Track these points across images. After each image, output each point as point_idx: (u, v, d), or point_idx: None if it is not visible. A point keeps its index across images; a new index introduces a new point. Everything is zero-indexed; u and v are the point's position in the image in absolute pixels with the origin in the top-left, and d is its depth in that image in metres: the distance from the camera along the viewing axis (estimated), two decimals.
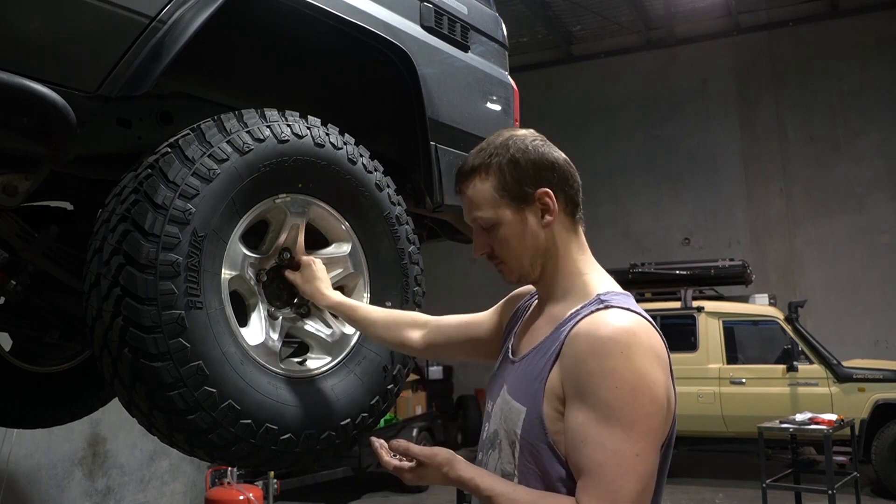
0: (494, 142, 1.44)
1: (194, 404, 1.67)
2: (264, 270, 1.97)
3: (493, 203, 1.41)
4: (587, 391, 1.23)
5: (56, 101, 1.54)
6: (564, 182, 1.41)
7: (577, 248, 1.43)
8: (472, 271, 11.78)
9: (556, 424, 1.28)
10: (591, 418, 1.22)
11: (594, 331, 1.26)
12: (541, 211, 1.40)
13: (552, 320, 1.38)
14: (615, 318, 1.28)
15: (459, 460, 1.36)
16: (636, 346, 1.24)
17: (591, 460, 1.21)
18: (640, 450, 1.20)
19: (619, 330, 1.25)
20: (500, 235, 1.42)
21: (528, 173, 1.39)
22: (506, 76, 2.98)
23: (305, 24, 2.08)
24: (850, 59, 10.82)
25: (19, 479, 5.73)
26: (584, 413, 1.23)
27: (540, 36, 11.99)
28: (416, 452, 1.37)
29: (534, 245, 1.41)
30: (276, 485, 6.37)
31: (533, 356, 1.38)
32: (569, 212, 1.42)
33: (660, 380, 1.25)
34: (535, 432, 1.31)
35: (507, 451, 1.36)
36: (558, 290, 1.42)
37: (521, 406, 1.35)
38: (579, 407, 1.24)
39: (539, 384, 1.32)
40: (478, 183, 1.42)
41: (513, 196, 1.40)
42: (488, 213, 1.42)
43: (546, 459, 1.29)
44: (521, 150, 1.40)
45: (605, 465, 1.19)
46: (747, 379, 7.95)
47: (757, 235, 11.20)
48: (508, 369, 1.45)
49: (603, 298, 1.33)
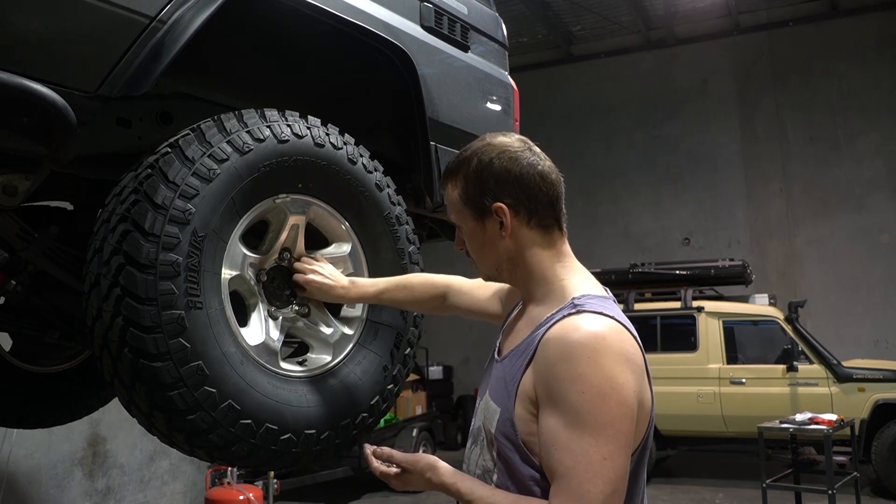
0: (473, 146, 1.47)
1: (194, 404, 1.67)
2: (264, 270, 1.97)
3: (458, 209, 1.47)
4: (557, 396, 1.25)
5: (56, 101, 1.54)
6: (529, 196, 1.41)
7: (550, 256, 1.43)
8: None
9: (528, 426, 1.31)
10: (560, 423, 1.24)
11: (564, 335, 1.28)
12: (498, 223, 1.42)
13: (531, 322, 1.41)
14: (586, 322, 1.29)
15: (442, 466, 1.40)
16: (605, 350, 1.25)
17: (560, 464, 1.23)
18: (608, 453, 1.21)
19: (588, 334, 1.26)
20: (466, 238, 1.50)
21: (488, 186, 1.42)
22: (506, 76, 2.98)
23: (305, 24, 2.08)
24: (850, 59, 10.83)
25: (19, 479, 5.73)
26: (554, 417, 1.25)
27: (540, 36, 12.00)
28: (398, 459, 1.43)
29: (494, 253, 1.45)
30: (276, 485, 6.37)
31: (510, 357, 1.41)
32: (535, 224, 1.42)
33: (629, 383, 1.25)
34: (508, 432, 1.34)
35: (486, 449, 1.40)
36: (537, 294, 1.44)
37: (496, 406, 1.38)
38: (550, 411, 1.26)
39: (512, 386, 1.35)
40: (450, 188, 1.49)
41: (473, 206, 1.44)
42: (455, 216, 1.50)
43: (517, 459, 1.32)
44: (485, 163, 1.42)
45: (573, 469, 1.22)
46: (747, 379, 7.95)
47: (757, 235, 11.20)
48: (493, 368, 1.49)
49: (577, 303, 1.34)
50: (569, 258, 1.46)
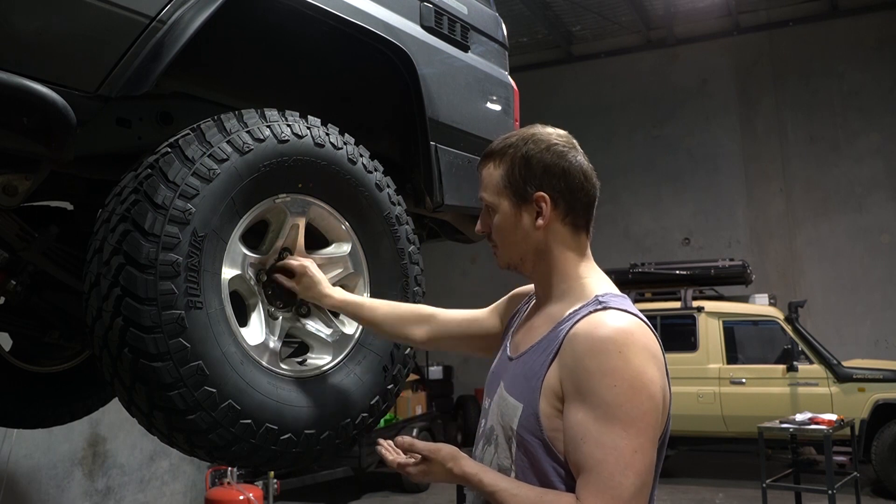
0: (522, 133, 1.47)
1: (194, 404, 1.67)
2: (264, 270, 1.97)
3: (497, 190, 1.45)
4: (586, 390, 1.25)
5: (56, 101, 1.54)
6: (571, 192, 1.43)
7: (574, 256, 1.44)
8: (472, 271, 11.78)
9: (552, 421, 1.30)
10: (590, 416, 1.24)
11: (592, 331, 1.29)
12: (536, 213, 1.42)
13: (550, 319, 1.40)
14: (613, 318, 1.30)
15: (463, 456, 1.39)
16: (633, 345, 1.27)
17: (590, 457, 1.23)
18: (639, 446, 1.22)
19: (616, 330, 1.28)
20: (496, 222, 1.47)
21: (535, 174, 1.42)
22: (506, 76, 2.98)
23: (305, 24, 2.08)
24: (850, 59, 10.83)
25: (19, 479, 5.73)
26: (583, 411, 1.25)
27: (540, 36, 12.00)
28: (420, 448, 1.40)
29: (524, 242, 1.44)
30: (276, 485, 6.37)
31: (531, 354, 1.40)
32: (568, 221, 1.43)
33: (656, 378, 1.27)
34: (531, 428, 1.33)
35: (503, 447, 1.39)
36: (556, 291, 1.44)
37: (517, 402, 1.37)
38: (578, 405, 1.26)
39: (536, 382, 1.34)
40: (492, 167, 1.47)
41: (514, 191, 1.43)
42: (491, 197, 1.46)
43: (541, 455, 1.31)
44: (536, 151, 1.43)
45: (604, 462, 1.22)
46: (747, 379, 7.95)
47: (757, 235, 11.20)
48: (506, 367, 1.47)
49: (601, 300, 1.35)
50: (591, 261, 1.47)
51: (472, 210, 2.59)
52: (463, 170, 2.54)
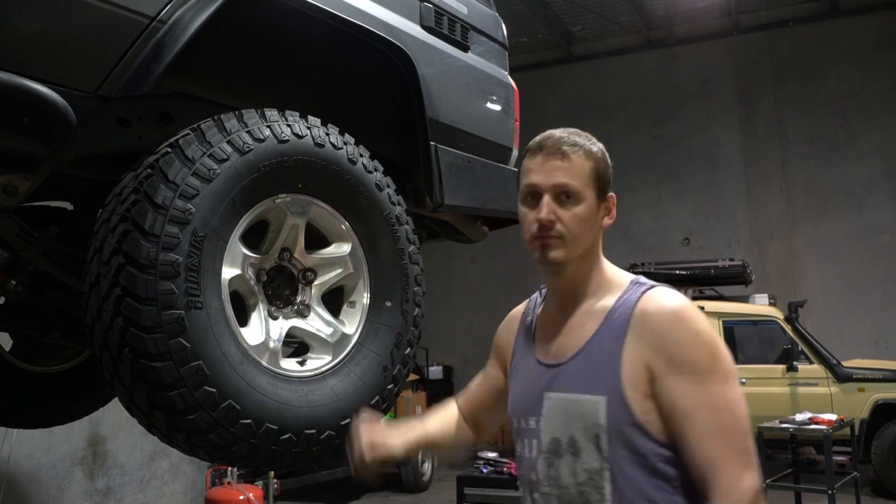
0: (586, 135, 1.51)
1: (194, 404, 1.67)
2: (264, 270, 1.97)
3: (586, 181, 1.47)
4: (680, 359, 1.30)
5: (56, 101, 1.55)
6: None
7: (601, 252, 1.53)
8: (472, 271, 11.77)
9: (642, 405, 1.32)
10: (692, 383, 1.29)
11: (662, 305, 1.35)
12: (605, 211, 1.49)
13: (594, 314, 1.42)
14: (667, 293, 1.38)
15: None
16: (696, 310, 1.36)
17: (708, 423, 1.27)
18: (741, 396, 1.31)
19: (682, 300, 1.36)
20: (576, 211, 1.45)
21: (609, 177, 1.50)
22: (506, 76, 2.98)
23: (305, 24, 2.08)
24: (850, 59, 10.82)
25: (19, 479, 5.73)
26: (684, 381, 1.29)
27: (540, 36, 11.99)
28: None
29: (591, 236, 1.48)
30: (276, 485, 6.37)
31: (590, 349, 1.39)
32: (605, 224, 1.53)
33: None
34: (623, 417, 1.32)
35: (588, 449, 1.35)
36: (591, 287, 1.47)
37: (596, 397, 1.35)
38: (677, 377, 1.30)
39: (612, 370, 1.34)
40: (582, 158, 1.47)
41: (598, 187, 1.48)
42: (580, 186, 1.45)
43: (641, 442, 1.31)
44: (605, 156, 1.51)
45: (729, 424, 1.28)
46: (747, 379, 7.93)
47: (757, 235, 11.20)
48: (547, 375, 1.45)
49: (641, 282, 1.42)
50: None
51: (472, 210, 2.59)
52: (463, 170, 2.54)
